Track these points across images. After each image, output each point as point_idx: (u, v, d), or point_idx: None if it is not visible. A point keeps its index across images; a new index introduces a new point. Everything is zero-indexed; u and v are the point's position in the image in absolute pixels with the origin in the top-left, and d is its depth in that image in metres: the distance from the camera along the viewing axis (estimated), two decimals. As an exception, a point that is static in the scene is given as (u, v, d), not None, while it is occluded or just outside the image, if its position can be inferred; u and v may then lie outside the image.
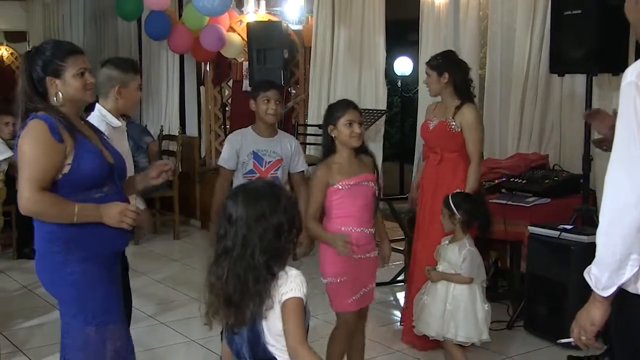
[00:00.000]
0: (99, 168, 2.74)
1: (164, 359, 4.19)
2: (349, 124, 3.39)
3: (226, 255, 2.19)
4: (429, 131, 4.48)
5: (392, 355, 4.42)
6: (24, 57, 2.81)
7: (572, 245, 4.33)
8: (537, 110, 5.52)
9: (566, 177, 4.99)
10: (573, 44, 4.54)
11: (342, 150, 3.44)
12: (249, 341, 2.22)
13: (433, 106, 4.64)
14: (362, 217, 3.44)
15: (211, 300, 2.24)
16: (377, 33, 6.93)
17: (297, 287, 2.20)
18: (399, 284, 5.92)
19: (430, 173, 4.47)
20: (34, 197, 2.60)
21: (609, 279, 2.01)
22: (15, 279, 6.09)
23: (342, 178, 3.40)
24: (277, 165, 4.03)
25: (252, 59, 7.05)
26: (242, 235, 2.17)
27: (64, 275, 2.73)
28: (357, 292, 3.46)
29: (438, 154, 4.41)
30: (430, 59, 4.52)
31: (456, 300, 3.77)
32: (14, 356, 4.39)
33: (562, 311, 4.37)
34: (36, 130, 2.64)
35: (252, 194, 2.22)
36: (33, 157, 2.62)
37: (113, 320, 2.80)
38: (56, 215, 2.66)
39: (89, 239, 2.72)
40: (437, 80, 4.40)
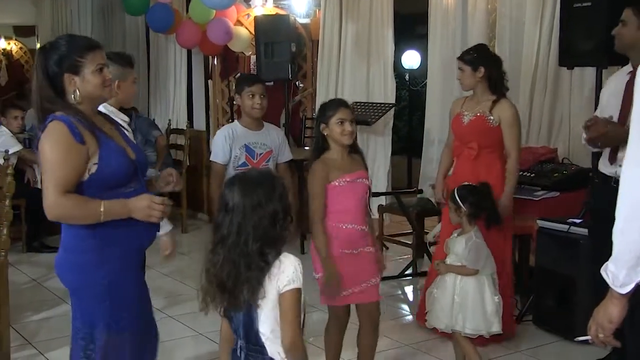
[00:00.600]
0: (125, 166, 2.65)
1: (172, 353, 4.19)
2: (341, 122, 3.41)
3: (223, 244, 2.23)
4: (464, 125, 4.40)
5: (400, 349, 4.42)
6: (39, 53, 2.67)
7: (581, 239, 4.32)
8: (546, 104, 5.50)
9: (575, 171, 4.96)
10: (583, 37, 4.52)
11: (334, 147, 3.47)
12: (244, 324, 2.27)
13: (461, 100, 4.59)
14: (357, 214, 3.46)
15: (206, 286, 2.28)
16: (385, 26, 6.92)
17: (296, 277, 2.22)
18: (407, 278, 5.92)
19: (464, 168, 4.38)
20: (58, 201, 2.51)
21: (627, 276, 1.98)
22: (25, 272, 6.12)
23: (340, 174, 3.42)
24: (268, 157, 4.19)
25: (259, 53, 7.05)
26: (237, 223, 2.21)
27: (98, 277, 2.61)
28: (347, 288, 3.42)
29: (474, 149, 4.34)
30: (463, 53, 4.46)
31: (464, 292, 3.77)
32: (23, 349, 4.41)
33: (571, 305, 4.36)
34: (57, 133, 2.53)
35: (248, 182, 2.26)
36: (55, 160, 2.52)
37: (135, 323, 2.69)
38: (83, 216, 2.55)
39: (122, 238, 2.62)
40: (472, 75, 4.34)
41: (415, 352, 4.38)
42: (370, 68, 7.11)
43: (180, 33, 7.90)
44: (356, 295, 3.47)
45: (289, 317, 2.21)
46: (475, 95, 4.43)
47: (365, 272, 3.47)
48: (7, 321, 4.02)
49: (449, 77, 6.34)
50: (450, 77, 6.32)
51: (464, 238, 3.82)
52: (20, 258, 6.58)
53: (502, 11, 5.86)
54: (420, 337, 4.53)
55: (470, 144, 4.36)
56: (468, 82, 4.39)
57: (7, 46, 11.26)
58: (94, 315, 2.65)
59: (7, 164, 4.31)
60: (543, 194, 4.81)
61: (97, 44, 2.72)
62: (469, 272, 3.78)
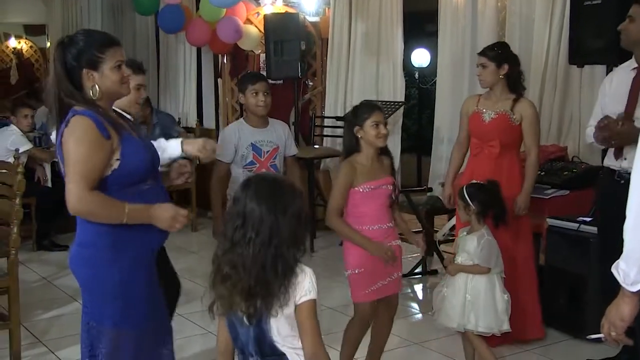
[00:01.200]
0: (147, 161, 2.67)
1: (181, 351, 4.20)
2: (376, 125, 3.49)
3: (248, 245, 2.13)
4: (485, 124, 4.34)
5: (410, 347, 4.42)
6: (57, 47, 2.65)
7: (592, 238, 4.30)
8: (556, 102, 5.48)
9: (585, 169, 4.94)
10: (592, 34, 4.50)
11: (366, 150, 3.53)
12: (255, 338, 2.20)
13: (475, 98, 4.52)
14: (377, 217, 3.53)
15: (221, 292, 2.19)
16: (394, 24, 6.90)
17: (313, 288, 2.20)
18: (416, 276, 5.91)
19: (485, 167, 4.31)
20: (85, 197, 2.50)
21: (638, 274, 1.98)
22: (35, 271, 6.15)
23: (364, 181, 3.49)
24: (275, 154, 4.20)
25: (269, 51, 7.05)
26: (269, 224, 2.12)
27: (110, 273, 2.61)
28: (375, 283, 3.51)
29: (495, 147, 4.30)
30: (486, 49, 4.37)
31: (476, 291, 3.76)
32: (34, 347, 4.44)
33: (581, 304, 4.35)
34: (82, 127, 2.52)
35: (268, 185, 2.21)
36: (81, 155, 2.50)
37: (144, 322, 2.70)
38: (106, 215, 2.55)
39: (136, 237, 2.63)
40: (495, 72, 4.28)
41: (425, 350, 4.37)
42: (379, 66, 7.09)
43: (190, 32, 7.92)
44: (381, 288, 3.54)
45: (308, 328, 2.18)
46: (493, 94, 4.37)
47: (387, 269, 3.54)
48: (17, 319, 4.04)
49: (458, 75, 6.32)
50: (459, 76, 6.30)
51: (475, 236, 3.81)
52: (30, 256, 6.61)
53: (511, 9, 5.84)
54: (429, 336, 4.53)
55: (491, 142, 4.31)
56: (490, 79, 4.31)
57: (17, 45, 11.29)
58: (103, 312, 2.65)
59: (18, 163, 4.33)
60: (553, 193, 4.80)
61: (117, 41, 2.73)
62: (481, 271, 3.77)
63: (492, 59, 4.29)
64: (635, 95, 3.68)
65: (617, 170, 3.78)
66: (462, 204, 3.85)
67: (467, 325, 3.76)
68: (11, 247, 3.96)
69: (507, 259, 4.00)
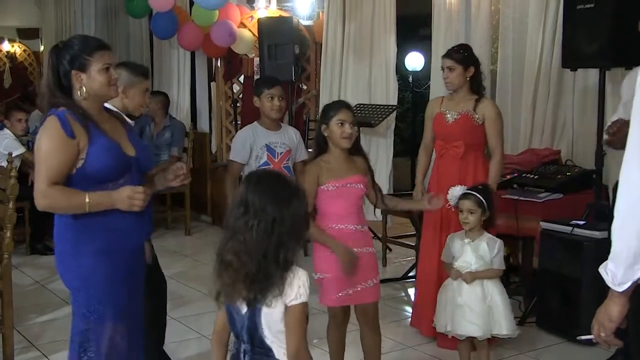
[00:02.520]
0: (112, 163, 2.75)
1: (175, 354, 4.20)
2: (341, 124, 3.42)
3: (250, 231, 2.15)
4: (448, 125, 4.38)
5: (403, 351, 4.42)
6: (51, 51, 2.81)
7: (585, 241, 4.32)
8: (549, 105, 5.49)
9: (578, 173, 4.96)
10: (586, 38, 4.52)
11: (333, 150, 3.48)
12: (248, 327, 2.24)
13: (438, 100, 4.57)
14: (345, 216, 3.45)
15: (225, 280, 2.20)
16: (387, 28, 6.92)
17: (305, 291, 2.21)
18: (410, 280, 5.91)
19: (450, 168, 4.36)
20: (46, 191, 2.65)
21: (625, 275, 2.00)
22: (29, 275, 6.14)
23: (330, 179, 3.43)
24: (288, 156, 4.30)
25: (263, 55, 7.04)
26: (271, 214, 2.15)
27: (73, 266, 2.78)
28: (344, 289, 3.43)
29: (460, 148, 4.33)
30: (452, 52, 4.40)
31: (494, 295, 3.76)
32: (27, 351, 4.42)
33: (575, 307, 4.35)
34: (50, 127, 2.69)
35: (273, 178, 2.28)
36: (46, 152, 2.67)
37: (113, 317, 2.78)
38: (67, 206, 2.70)
39: (101, 232, 2.74)
40: (462, 75, 4.33)
41: (419, 354, 4.37)
42: (372, 70, 7.10)
43: (183, 36, 7.92)
44: (352, 296, 3.46)
45: (294, 330, 2.20)
46: (456, 95, 4.41)
47: (362, 274, 3.45)
48: (11, 323, 4.03)
49: (452, 79, 6.33)
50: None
51: (485, 241, 3.78)
52: (24, 260, 6.60)
53: (505, 13, 5.85)
54: (423, 339, 4.53)
55: (455, 142, 4.35)
56: (457, 81, 4.35)
57: (11, 49, 11.27)
58: (76, 301, 2.83)
59: (11, 167, 4.32)
60: (546, 196, 4.81)
61: (106, 45, 2.87)
62: (498, 274, 3.80)
63: (459, 61, 4.34)
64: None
65: None
66: (480, 210, 3.76)
67: (494, 330, 3.75)
68: (5, 251, 3.95)
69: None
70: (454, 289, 3.80)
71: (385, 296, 5.54)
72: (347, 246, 3.39)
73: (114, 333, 2.80)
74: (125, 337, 2.84)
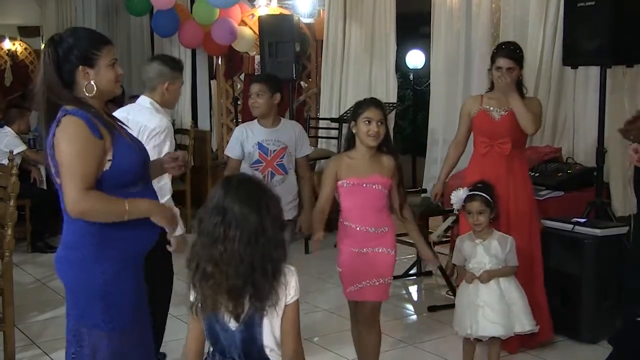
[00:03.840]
0: (137, 163, 2.64)
1: (175, 352, 4.19)
2: (368, 122, 3.40)
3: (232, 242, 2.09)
4: (495, 122, 4.24)
5: (404, 349, 4.41)
6: (48, 44, 2.60)
7: (586, 239, 4.31)
8: (550, 103, 5.49)
9: (579, 170, 4.96)
10: (587, 36, 4.51)
11: (359, 147, 3.47)
12: (242, 342, 2.17)
13: (478, 98, 4.40)
14: (362, 216, 3.45)
15: (205, 292, 2.14)
16: (388, 26, 6.92)
17: (297, 288, 2.20)
18: (411, 278, 5.91)
19: (497, 166, 4.22)
20: (83, 197, 2.46)
21: None
22: (30, 273, 6.14)
23: (348, 176, 3.44)
24: (282, 153, 4.27)
25: (263, 53, 7.05)
26: (253, 224, 2.09)
27: (94, 274, 2.57)
28: (353, 284, 3.48)
29: (506, 145, 4.21)
30: (510, 51, 4.17)
31: (511, 292, 3.76)
32: (28, 349, 4.43)
33: (576, 305, 4.35)
34: (74, 127, 2.49)
35: (250, 184, 2.19)
36: (75, 155, 2.47)
37: (126, 324, 2.66)
38: (107, 213, 2.52)
39: (123, 239, 2.60)
40: (517, 75, 4.18)
41: (420, 351, 4.37)
42: (373, 68, 7.10)
43: (183, 33, 7.92)
44: (359, 291, 3.49)
45: (292, 328, 2.18)
46: (499, 94, 4.24)
47: (368, 272, 3.46)
48: (11, 321, 4.03)
49: (453, 77, 6.33)
50: (454, 77, 6.31)
51: (496, 239, 3.78)
52: (25, 258, 6.59)
53: (506, 10, 5.85)
54: (424, 337, 4.53)
55: (502, 139, 4.22)
56: (511, 82, 4.15)
57: (12, 47, 11.26)
58: (85, 313, 2.62)
59: (12, 165, 4.32)
60: (547, 194, 4.81)
61: (110, 40, 2.72)
62: (513, 271, 3.81)
63: (518, 62, 4.18)
64: None
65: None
66: (489, 210, 3.76)
67: (516, 328, 3.75)
68: (5, 249, 3.95)
69: (523, 261, 4.00)
70: (471, 291, 3.78)
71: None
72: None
73: (127, 341, 2.67)
74: (138, 345, 2.75)
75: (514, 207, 4.22)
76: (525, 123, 4.13)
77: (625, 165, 4.81)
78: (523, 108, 4.12)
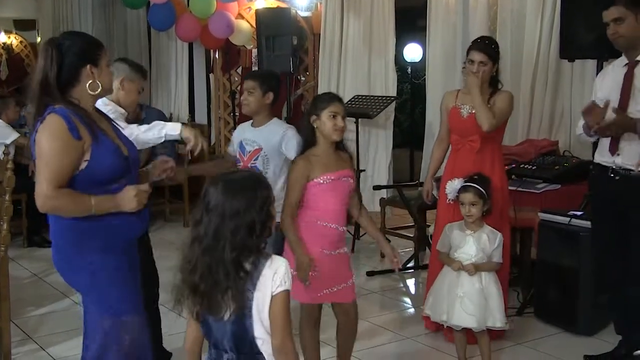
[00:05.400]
0: (116, 164, 2.68)
1: (173, 346, 4.19)
2: (333, 116, 3.31)
3: (199, 242, 2.17)
4: (463, 119, 4.25)
5: (402, 342, 4.42)
6: (51, 44, 2.66)
7: (582, 232, 4.31)
8: (547, 96, 5.49)
9: (576, 163, 4.95)
10: (584, 29, 4.51)
11: (322, 143, 3.36)
12: (233, 334, 2.19)
13: (453, 93, 4.41)
14: (338, 214, 3.36)
15: (179, 285, 2.21)
16: (386, 20, 6.91)
17: (287, 278, 2.20)
18: (408, 271, 5.92)
19: (466, 162, 4.23)
20: (51, 194, 2.56)
21: None
22: (26, 267, 6.13)
23: (324, 172, 3.32)
24: (256, 155, 4.05)
25: (261, 46, 7.03)
26: (215, 225, 2.14)
27: (82, 265, 2.68)
28: (327, 287, 3.38)
29: (475, 142, 4.21)
30: (485, 46, 4.18)
31: (490, 286, 3.78)
32: (24, 344, 4.42)
33: (573, 298, 4.36)
34: (54, 126, 2.57)
35: (232, 185, 2.18)
36: (51, 154, 2.56)
37: (128, 311, 2.75)
38: (73, 210, 2.61)
39: (104, 230, 2.68)
40: (491, 70, 4.18)
41: (417, 345, 4.37)
42: (371, 61, 7.09)
43: (180, 27, 7.90)
44: (331, 295, 3.41)
45: (279, 320, 2.17)
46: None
47: (341, 274, 3.42)
48: (8, 316, 4.02)
49: (450, 70, 6.32)
50: (451, 71, 6.30)
51: (486, 233, 3.79)
52: (21, 253, 6.59)
53: (503, 4, 5.84)
54: (421, 330, 4.53)
55: (471, 137, 4.24)
56: (486, 77, 4.18)
57: (7, 40, 11.24)
58: (90, 304, 2.75)
59: (7, 159, 4.31)
60: (544, 187, 4.80)
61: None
62: (497, 267, 3.82)
63: (491, 57, 4.19)
64: (627, 91, 3.69)
65: (610, 167, 3.78)
66: (480, 201, 3.76)
67: (488, 322, 3.76)
68: (1, 244, 3.94)
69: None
70: (452, 279, 3.80)
71: (383, 287, 5.55)
72: (309, 257, 3.27)
73: (132, 327, 2.75)
74: (143, 330, 2.81)
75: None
76: (481, 120, 4.10)
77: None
78: (480, 105, 4.09)
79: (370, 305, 4.99)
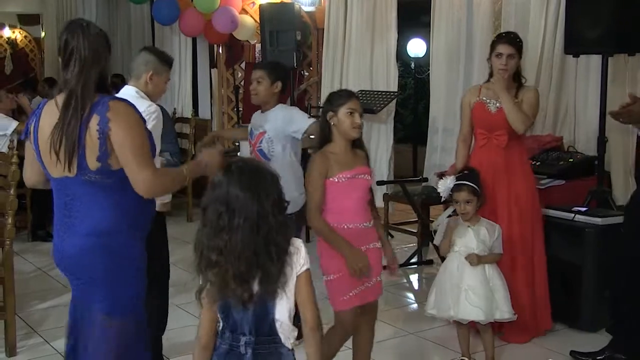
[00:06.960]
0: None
1: (176, 340, 4.21)
2: (351, 113, 3.24)
3: (235, 231, 2.13)
4: (492, 114, 4.20)
5: (405, 337, 4.43)
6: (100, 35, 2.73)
7: (587, 228, 4.31)
8: (552, 92, 5.47)
9: (580, 159, 4.95)
10: (588, 24, 4.50)
11: (339, 140, 3.28)
12: (255, 317, 2.20)
13: (476, 89, 4.37)
14: (358, 211, 3.28)
15: (212, 279, 2.19)
16: (389, 14, 6.89)
17: (307, 259, 2.25)
18: (412, 266, 5.92)
19: (495, 158, 4.20)
20: (154, 178, 2.57)
21: None
22: (30, 261, 6.15)
23: (340, 170, 3.23)
24: (260, 138, 4.19)
25: (264, 41, 7.03)
26: (253, 211, 2.12)
27: (130, 259, 2.64)
28: (355, 287, 3.26)
29: (503, 137, 4.17)
30: (510, 39, 4.16)
31: (495, 279, 3.80)
32: (29, 337, 4.44)
33: (576, 293, 4.35)
34: (130, 112, 2.58)
35: (250, 171, 2.19)
36: (141, 140, 2.56)
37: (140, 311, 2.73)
38: (175, 185, 2.75)
39: (141, 219, 2.69)
40: (517, 63, 4.16)
41: (420, 340, 4.38)
42: (374, 56, 7.08)
43: (184, 22, 7.90)
44: (362, 293, 3.31)
45: (309, 297, 2.24)
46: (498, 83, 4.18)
47: (372, 269, 3.31)
48: (12, 310, 4.04)
49: (454, 65, 6.30)
50: (455, 66, 6.28)
51: (484, 226, 3.83)
52: (25, 247, 6.61)
53: (507, -1, 5.83)
54: (424, 326, 4.53)
55: (498, 131, 4.18)
56: (513, 71, 4.15)
57: (12, 35, 11.24)
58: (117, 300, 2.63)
59: (12, 153, 4.32)
60: (548, 182, 4.80)
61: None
62: (499, 259, 3.86)
63: (519, 50, 4.16)
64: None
65: None
66: (475, 198, 3.79)
67: (496, 315, 3.77)
68: (6, 238, 3.96)
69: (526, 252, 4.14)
70: (455, 272, 3.80)
71: (386, 283, 5.54)
72: (360, 251, 3.21)
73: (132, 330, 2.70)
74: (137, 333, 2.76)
75: (514, 200, 4.21)
76: (515, 123, 4.09)
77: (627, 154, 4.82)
78: (513, 108, 4.08)
79: (374, 300, 4.98)
